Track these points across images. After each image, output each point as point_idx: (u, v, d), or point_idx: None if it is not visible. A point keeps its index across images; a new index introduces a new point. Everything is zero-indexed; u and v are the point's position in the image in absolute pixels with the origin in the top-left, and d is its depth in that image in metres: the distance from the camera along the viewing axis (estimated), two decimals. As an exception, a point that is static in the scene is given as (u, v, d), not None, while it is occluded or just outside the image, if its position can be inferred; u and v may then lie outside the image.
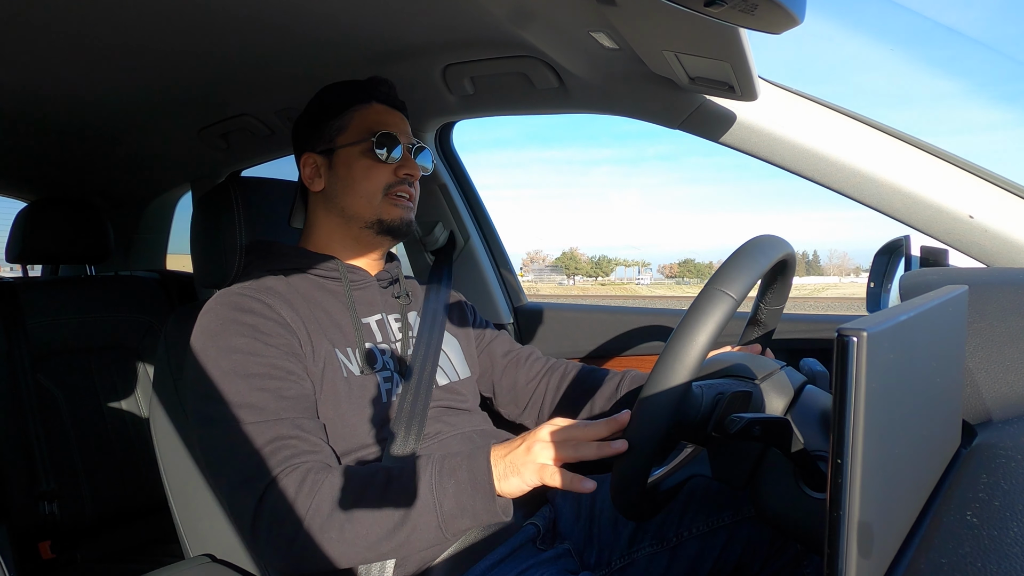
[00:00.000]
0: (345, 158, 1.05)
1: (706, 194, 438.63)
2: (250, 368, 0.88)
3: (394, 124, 1.07)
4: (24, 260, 1.83)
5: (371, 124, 1.05)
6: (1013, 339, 0.70)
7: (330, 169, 1.06)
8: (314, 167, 1.07)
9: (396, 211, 1.05)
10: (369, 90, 1.08)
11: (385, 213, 1.04)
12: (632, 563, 0.99)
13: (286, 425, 0.86)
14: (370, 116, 1.06)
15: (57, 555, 1.60)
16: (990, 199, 0.97)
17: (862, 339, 0.34)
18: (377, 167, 1.04)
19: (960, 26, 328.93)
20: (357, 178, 1.04)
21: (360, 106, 1.07)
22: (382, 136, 1.03)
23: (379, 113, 1.07)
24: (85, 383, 1.72)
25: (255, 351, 0.89)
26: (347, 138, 1.05)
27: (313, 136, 1.08)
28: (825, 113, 1.05)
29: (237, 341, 0.89)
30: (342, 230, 1.07)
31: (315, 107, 1.09)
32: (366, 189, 1.04)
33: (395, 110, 1.10)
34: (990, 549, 0.41)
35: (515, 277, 1.71)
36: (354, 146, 1.04)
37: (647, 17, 0.83)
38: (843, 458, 0.35)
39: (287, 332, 0.92)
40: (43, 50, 1.15)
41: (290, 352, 0.91)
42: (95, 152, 1.86)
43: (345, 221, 1.06)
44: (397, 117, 1.09)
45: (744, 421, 0.63)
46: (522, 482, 0.78)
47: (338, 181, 1.05)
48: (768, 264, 0.73)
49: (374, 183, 1.04)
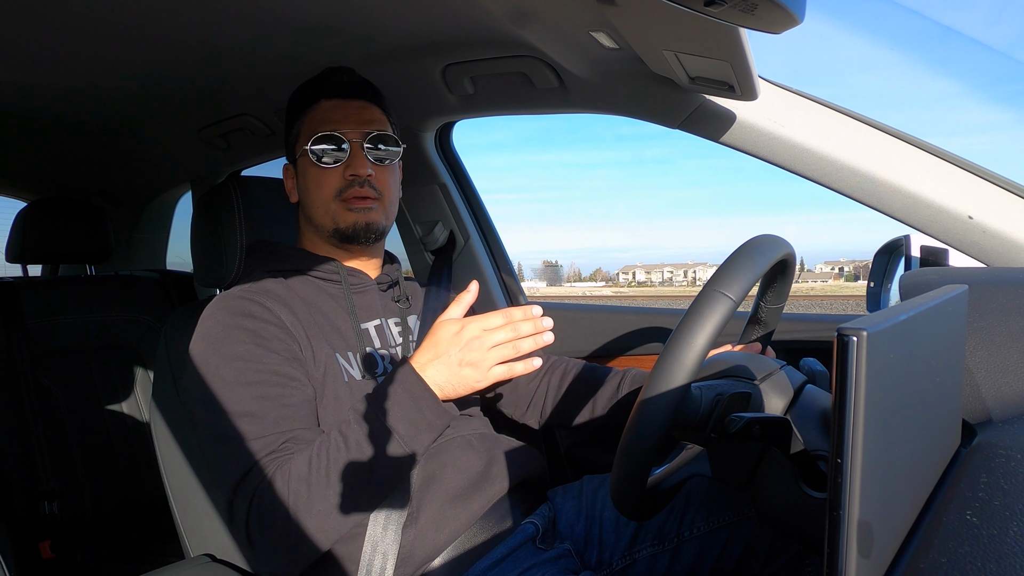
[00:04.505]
0: (302, 167, 1.02)
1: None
2: (252, 376, 0.87)
3: (341, 119, 0.99)
4: (24, 260, 1.83)
5: (314, 127, 0.99)
6: (1013, 339, 0.70)
7: (297, 179, 1.05)
8: (291, 178, 1.07)
9: (350, 216, 0.99)
10: (315, 88, 1.03)
11: (341, 220, 0.99)
12: (633, 563, 0.99)
13: (284, 436, 0.85)
14: (316, 117, 1.01)
15: (57, 555, 1.60)
16: (990, 199, 0.97)
17: (862, 339, 0.34)
18: (324, 173, 0.99)
19: (959, 26, 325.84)
20: (311, 188, 1.01)
21: (308, 108, 1.02)
22: (318, 139, 0.98)
23: (324, 111, 1.01)
24: (85, 383, 1.72)
25: (256, 358, 0.88)
26: (300, 145, 1.01)
27: (286, 146, 1.07)
28: (825, 113, 1.05)
29: (238, 348, 0.89)
30: (320, 240, 1.05)
31: (286, 114, 1.08)
32: (319, 199, 1.00)
33: (350, 100, 1.02)
34: (990, 549, 0.41)
35: (515, 277, 1.71)
36: (304, 155, 1.00)
37: (647, 17, 0.83)
38: (843, 458, 0.35)
39: (288, 337, 0.92)
40: (43, 50, 1.15)
41: (291, 357, 0.91)
42: (95, 152, 1.86)
43: (316, 231, 1.04)
44: (350, 108, 1.01)
45: (744, 421, 0.63)
46: (468, 388, 0.87)
47: (303, 192, 1.03)
48: (767, 264, 0.73)
49: (324, 191, 0.99)
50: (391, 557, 0.88)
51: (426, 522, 0.91)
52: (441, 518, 0.92)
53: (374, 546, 0.89)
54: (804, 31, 0.74)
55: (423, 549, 0.90)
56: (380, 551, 0.88)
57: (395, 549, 0.89)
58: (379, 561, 0.88)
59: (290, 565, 0.83)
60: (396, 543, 0.89)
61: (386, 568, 0.88)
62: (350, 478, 0.83)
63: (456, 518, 0.93)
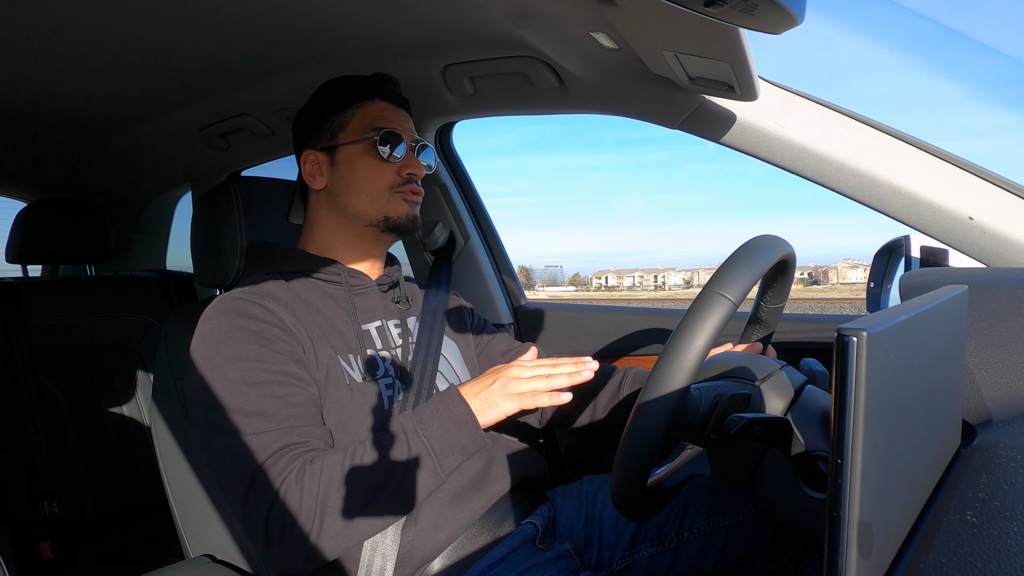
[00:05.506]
0: (347, 156, 1.04)
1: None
2: (258, 376, 0.87)
3: (397, 122, 1.05)
4: (24, 260, 1.83)
5: (374, 121, 1.04)
6: (1013, 339, 0.70)
7: (332, 167, 1.05)
8: (315, 164, 1.06)
9: (404, 207, 1.04)
10: (372, 86, 1.07)
11: (392, 210, 1.03)
12: (633, 564, 0.99)
13: (296, 433, 0.85)
14: (373, 113, 1.05)
15: (57, 555, 1.60)
16: (990, 199, 0.97)
17: (862, 339, 0.34)
18: (381, 166, 1.03)
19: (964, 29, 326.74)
20: (361, 176, 1.03)
21: (363, 102, 1.05)
22: (386, 134, 1.02)
23: (382, 110, 1.05)
24: (85, 383, 1.72)
25: (261, 358, 0.88)
26: (349, 135, 1.04)
27: (314, 132, 1.06)
28: (825, 113, 1.05)
29: (243, 348, 0.88)
30: (344, 228, 1.05)
31: (317, 102, 1.08)
32: (370, 188, 1.03)
33: (398, 107, 1.08)
34: (990, 549, 0.41)
35: (515, 278, 1.71)
36: (356, 144, 1.03)
37: (647, 17, 0.83)
38: (843, 458, 0.35)
39: (290, 338, 0.91)
40: (43, 50, 1.15)
41: (295, 358, 0.91)
42: (95, 152, 1.86)
43: (348, 220, 1.04)
44: (400, 115, 1.07)
45: (744, 421, 0.63)
46: (500, 412, 0.90)
47: (341, 179, 1.04)
48: (766, 266, 0.73)
49: (378, 182, 1.03)
50: (391, 557, 0.88)
51: (426, 522, 0.91)
52: (441, 518, 0.92)
53: (374, 546, 0.89)
54: (807, 33, 0.75)
55: (423, 549, 0.90)
56: (380, 551, 0.88)
57: (395, 549, 0.89)
58: (379, 561, 0.88)
59: (304, 565, 0.82)
60: (396, 543, 0.89)
61: (386, 568, 0.88)
62: (379, 486, 0.83)
63: (456, 518, 0.93)
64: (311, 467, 0.82)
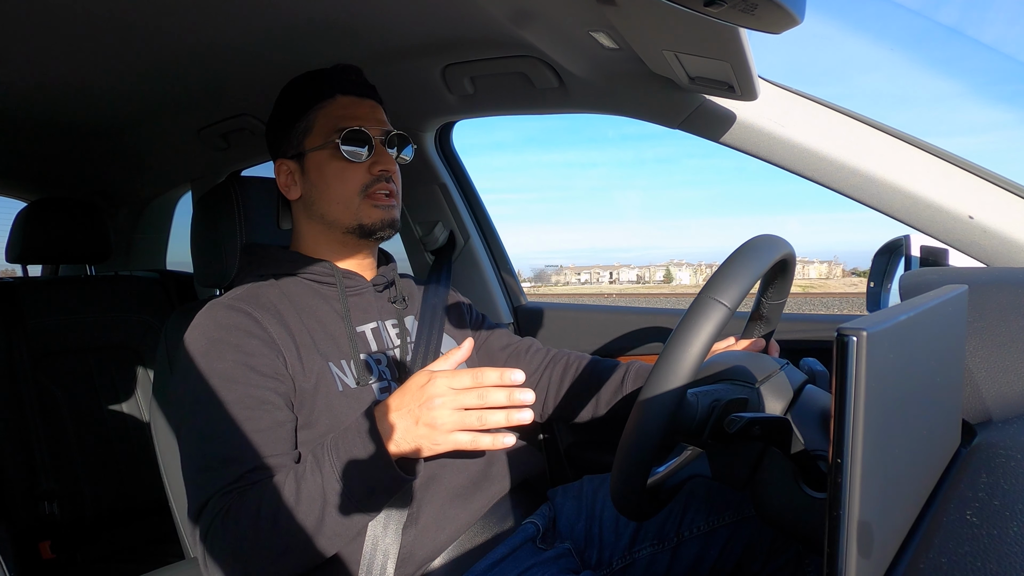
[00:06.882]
0: (315, 162, 0.99)
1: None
2: (225, 395, 0.85)
3: (363, 116, 1.00)
4: (24, 260, 1.83)
5: (337, 121, 0.98)
6: (1013, 339, 0.70)
7: (303, 175, 1.01)
8: (288, 174, 1.03)
9: (376, 213, 0.99)
10: (331, 83, 1.01)
11: (365, 216, 0.99)
12: (633, 563, 0.99)
13: (244, 467, 0.82)
14: (335, 112, 0.99)
15: (57, 555, 1.60)
16: (990, 199, 0.97)
17: (862, 339, 0.34)
18: (349, 168, 0.98)
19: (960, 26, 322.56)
20: (330, 183, 0.99)
21: (323, 102, 1.00)
22: (348, 134, 0.97)
23: (344, 107, 1.00)
24: (85, 383, 1.72)
25: (234, 378, 0.86)
26: (314, 140, 0.99)
27: (283, 140, 1.03)
28: (825, 113, 1.05)
29: (218, 365, 0.86)
30: (326, 235, 1.02)
31: (280, 108, 1.04)
32: (341, 194, 0.98)
33: (364, 99, 1.02)
34: (990, 549, 0.41)
35: (515, 277, 1.71)
36: (322, 149, 0.99)
37: (647, 17, 0.83)
38: (843, 458, 0.35)
39: (271, 351, 0.89)
40: (43, 50, 1.15)
41: (273, 372, 0.88)
42: (95, 152, 1.86)
43: (327, 227, 1.01)
44: (366, 107, 1.02)
45: (744, 421, 0.63)
46: (421, 451, 0.78)
47: (313, 188, 1.00)
48: (765, 267, 0.72)
49: (349, 186, 0.98)
50: (392, 557, 0.88)
51: (427, 522, 0.91)
52: (442, 518, 0.92)
53: (374, 546, 0.88)
54: (806, 32, 0.75)
55: (424, 549, 0.90)
56: (381, 551, 0.88)
57: (396, 549, 0.88)
58: (380, 561, 0.88)
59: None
60: (397, 543, 0.89)
61: (387, 568, 0.88)
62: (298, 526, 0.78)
63: (457, 518, 0.93)
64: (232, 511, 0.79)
